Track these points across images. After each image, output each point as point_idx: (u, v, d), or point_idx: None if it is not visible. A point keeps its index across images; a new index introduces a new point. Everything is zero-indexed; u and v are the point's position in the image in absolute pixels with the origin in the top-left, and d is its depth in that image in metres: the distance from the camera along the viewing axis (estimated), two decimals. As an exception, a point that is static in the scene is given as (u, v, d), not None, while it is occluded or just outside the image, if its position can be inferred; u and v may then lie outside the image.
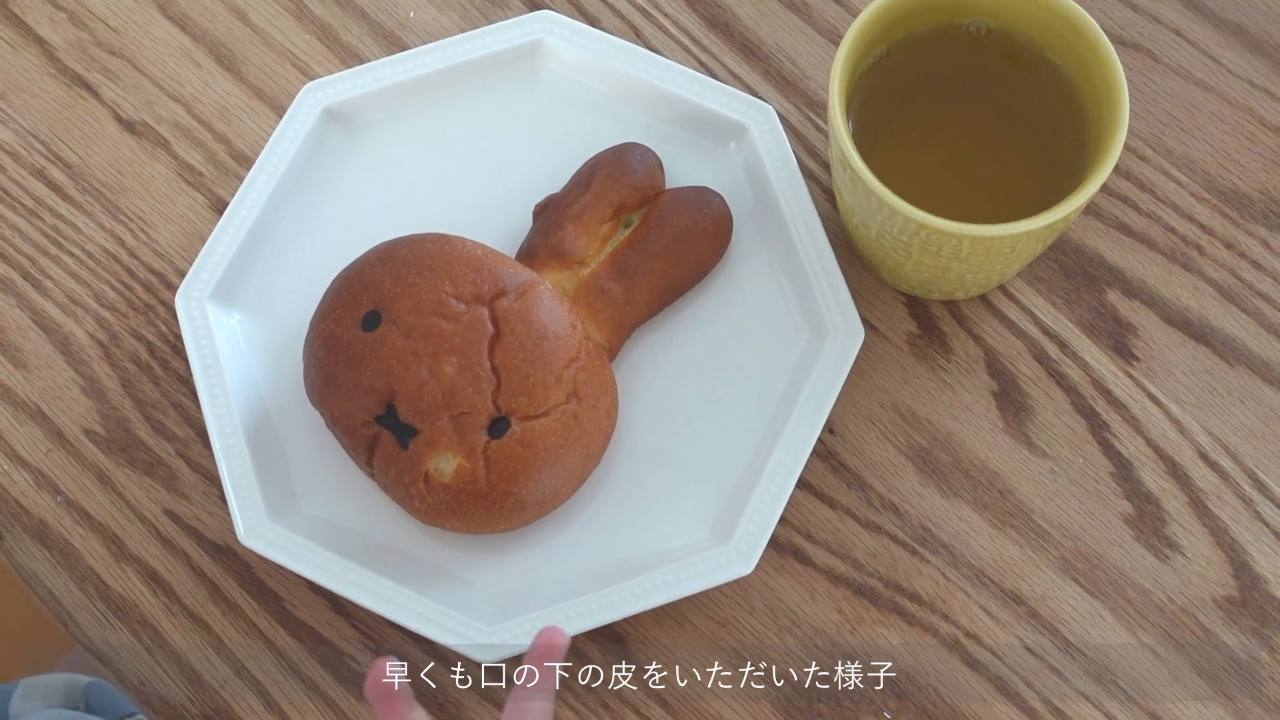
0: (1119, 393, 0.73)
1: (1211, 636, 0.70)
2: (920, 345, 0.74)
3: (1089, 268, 0.75)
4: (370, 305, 0.69)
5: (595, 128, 0.76)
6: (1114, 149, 0.64)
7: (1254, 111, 0.77)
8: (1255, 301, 0.74)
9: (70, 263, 0.77)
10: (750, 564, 0.68)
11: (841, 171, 0.67)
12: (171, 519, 0.73)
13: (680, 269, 0.72)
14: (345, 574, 0.69)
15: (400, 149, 0.77)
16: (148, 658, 0.72)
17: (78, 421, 0.75)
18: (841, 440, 0.73)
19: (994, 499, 0.72)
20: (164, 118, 0.79)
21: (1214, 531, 0.71)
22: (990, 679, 0.69)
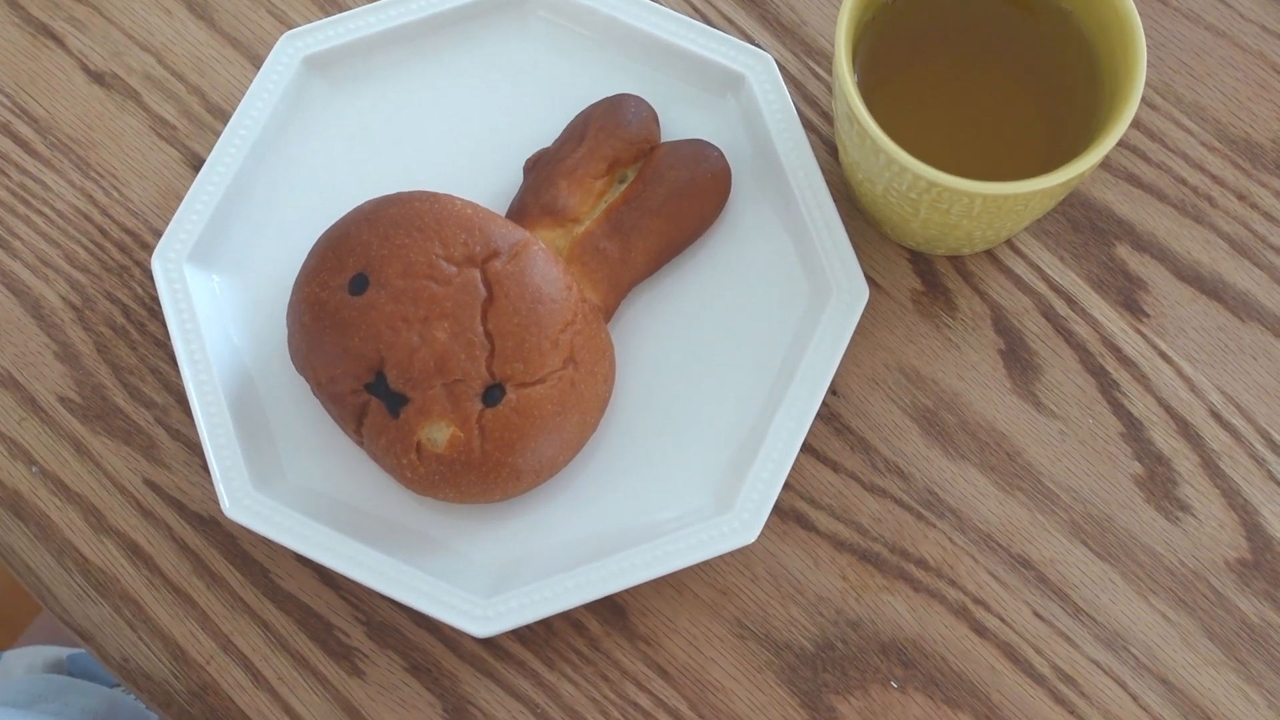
0: (1129, 350, 0.71)
1: (1224, 600, 0.68)
2: (925, 303, 0.72)
3: (1098, 221, 0.72)
4: (357, 268, 0.66)
5: (588, 79, 0.73)
6: (1131, 102, 0.62)
7: (1266, 58, 0.74)
8: (1268, 255, 0.72)
9: (40, 222, 0.74)
10: (753, 533, 0.66)
11: (847, 126, 0.64)
12: (152, 489, 0.71)
13: (678, 226, 0.70)
14: (334, 546, 0.67)
15: (385, 102, 0.74)
16: (130, 633, 0.69)
17: (51, 388, 0.72)
18: (844, 401, 0.71)
19: (1001, 461, 0.70)
20: (134, 69, 0.76)
21: (1226, 493, 0.69)
22: (999, 646, 0.68)
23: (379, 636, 0.69)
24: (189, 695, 0.69)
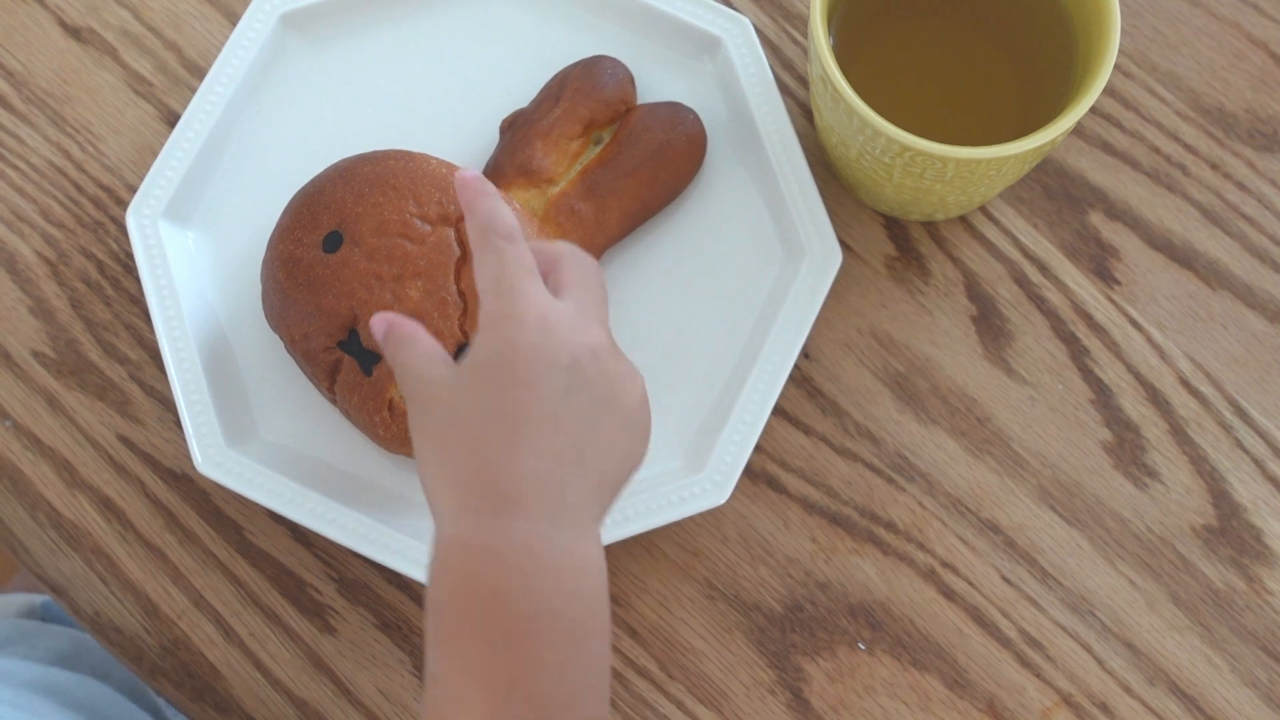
0: (1100, 317, 0.71)
1: (1189, 566, 0.69)
2: (898, 268, 0.72)
3: (1071, 188, 0.73)
4: (331, 225, 0.66)
5: (564, 40, 0.73)
6: (1104, 69, 0.62)
7: (1241, 27, 0.75)
8: (1239, 224, 0.72)
9: (14, 176, 0.74)
10: (724, 494, 0.66)
11: (822, 89, 0.65)
12: (125, 445, 0.71)
13: (653, 188, 0.70)
14: (306, 503, 0.67)
15: (362, 60, 0.74)
16: (102, 587, 0.70)
17: (25, 343, 0.72)
18: (817, 365, 0.71)
19: (972, 426, 0.70)
20: (110, 24, 0.76)
21: (1194, 459, 0.70)
22: (966, 609, 0.68)
23: (350, 593, 0.69)
24: (160, 650, 0.69)
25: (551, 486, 0.51)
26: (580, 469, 0.52)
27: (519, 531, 0.50)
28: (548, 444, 0.51)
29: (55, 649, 0.79)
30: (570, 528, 0.51)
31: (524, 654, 0.49)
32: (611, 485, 0.54)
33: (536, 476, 0.51)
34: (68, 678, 0.76)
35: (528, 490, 0.51)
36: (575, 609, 0.51)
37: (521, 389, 0.52)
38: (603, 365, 0.54)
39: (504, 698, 0.49)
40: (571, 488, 0.51)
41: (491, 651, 0.49)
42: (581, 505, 0.52)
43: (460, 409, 0.52)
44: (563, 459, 0.51)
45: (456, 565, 0.51)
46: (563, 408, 0.52)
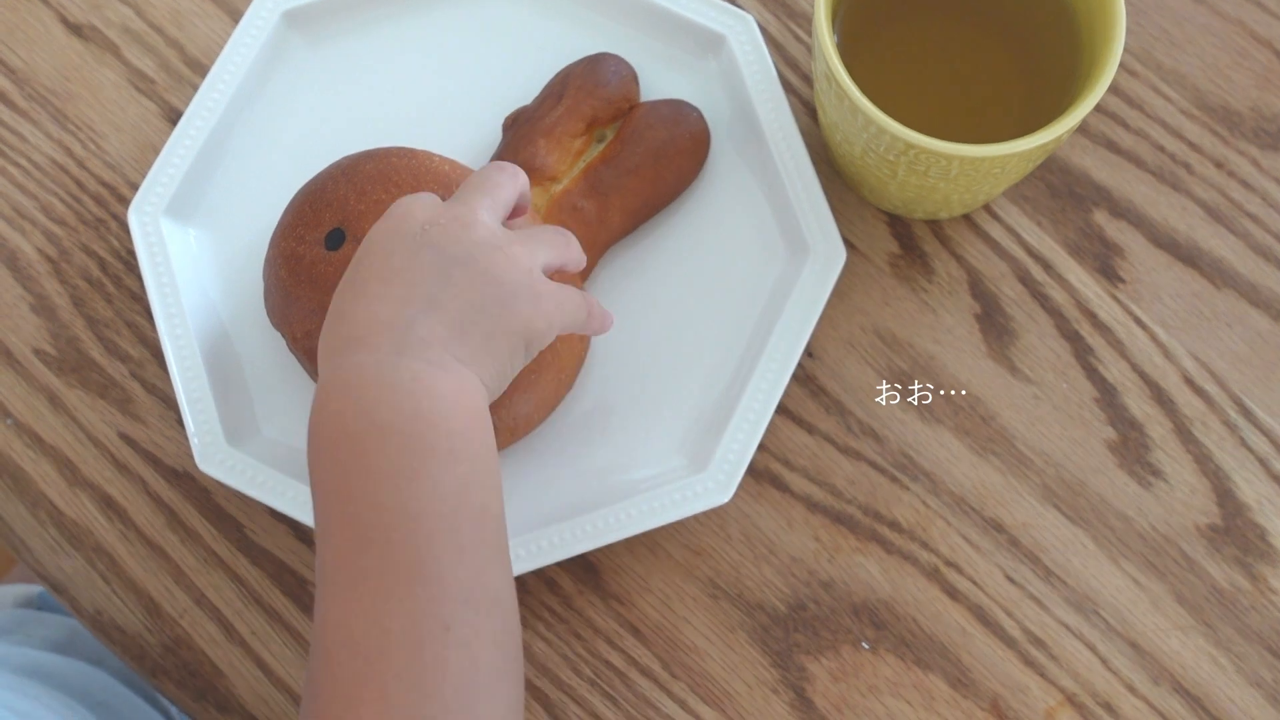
0: (1104, 316, 0.71)
1: (1194, 565, 0.68)
2: (902, 266, 0.72)
3: (1075, 186, 0.73)
4: (334, 222, 0.66)
5: (567, 37, 0.73)
6: (1109, 67, 0.62)
7: (1245, 25, 0.75)
8: (1244, 222, 0.72)
9: (16, 174, 0.74)
10: (727, 493, 0.66)
11: (826, 86, 0.64)
12: (126, 443, 0.71)
13: (656, 186, 0.70)
14: (308, 501, 0.67)
15: (364, 58, 0.74)
16: (104, 585, 0.69)
17: (27, 341, 0.72)
18: (820, 364, 0.71)
19: (975, 425, 0.70)
20: (113, 21, 0.76)
21: (1198, 458, 0.70)
22: (970, 608, 0.68)
23: (352, 592, 0.69)
24: (162, 649, 0.69)
25: (397, 324, 0.56)
26: (430, 310, 0.56)
27: (363, 362, 0.55)
28: (391, 292, 0.56)
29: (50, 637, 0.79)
30: (418, 359, 0.55)
31: (363, 465, 0.53)
32: (480, 331, 0.57)
33: (379, 317, 0.56)
34: (62, 663, 0.76)
35: (372, 329, 0.56)
36: (416, 426, 0.54)
37: (370, 257, 0.58)
38: (465, 234, 0.58)
39: (353, 509, 0.53)
40: (420, 325, 0.56)
41: (334, 467, 0.54)
42: (435, 341, 0.56)
43: (336, 290, 0.59)
44: (409, 303, 0.56)
45: (315, 405, 0.55)
46: (410, 264, 0.57)
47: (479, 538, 0.54)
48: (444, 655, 0.51)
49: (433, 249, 0.57)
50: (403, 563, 0.52)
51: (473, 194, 0.60)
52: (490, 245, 0.58)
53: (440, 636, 0.51)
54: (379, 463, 0.53)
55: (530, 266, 0.59)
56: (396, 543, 0.52)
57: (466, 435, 0.55)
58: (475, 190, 0.61)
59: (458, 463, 0.54)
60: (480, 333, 0.57)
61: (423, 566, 0.52)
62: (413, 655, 0.51)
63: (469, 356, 0.56)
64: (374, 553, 0.52)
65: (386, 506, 0.52)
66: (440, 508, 0.53)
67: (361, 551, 0.52)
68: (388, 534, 0.52)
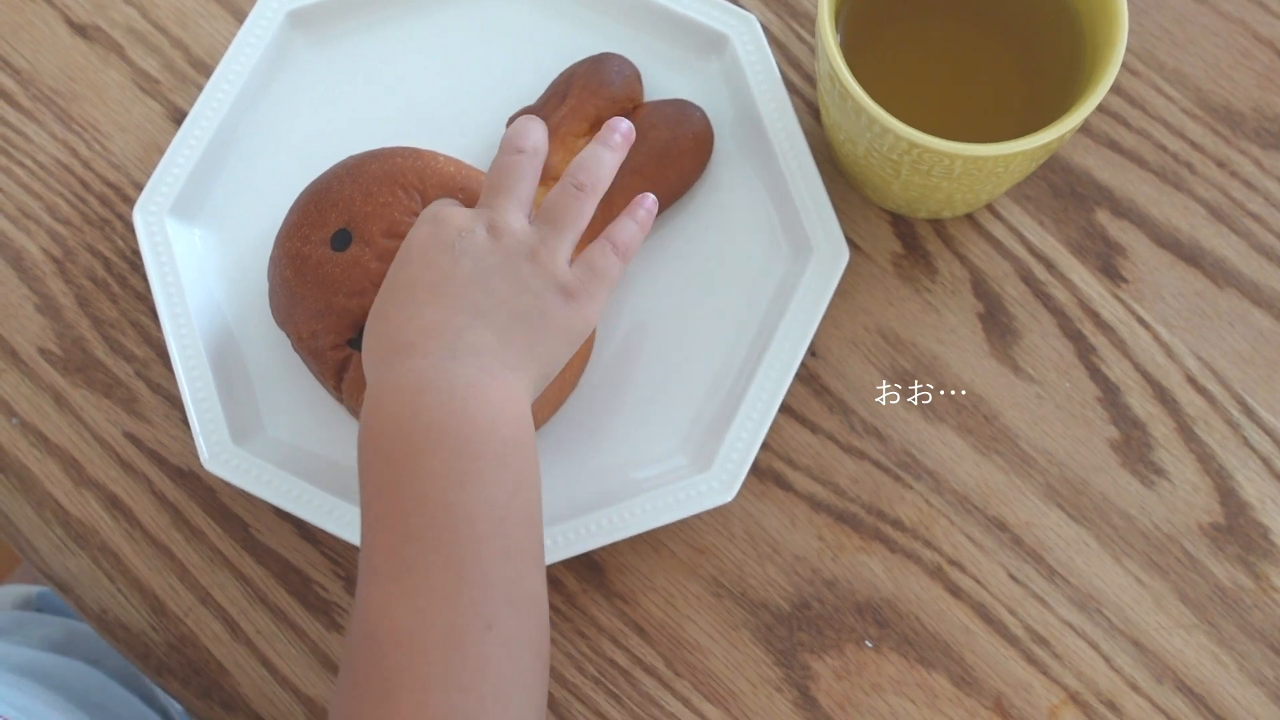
0: (1107, 315, 0.71)
1: (1197, 564, 0.69)
2: (905, 266, 0.72)
3: (1078, 186, 0.73)
4: (340, 223, 0.66)
5: (571, 37, 0.73)
6: (1111, 66, 0.62)
7: (1247, 25, 0.75)
8: (1246, 222, 0.72)
9: (21, 174, 0.74)
10: (731, 492, 0.66)
11: (829, 86, 0.65)
12: (132, 442, 0.71)
13: (659, 186, 0.70)
14: (313, 500, 0.67)
15: (369, 57, 0.74)
16: (109, 584, 0.70)
17: (32, 340, 0.72)
18: (823, 363, 0.71)
19: (979, 424, 0.70)
20: (118, 22, 0.76)
21: (1201, 457, 0.70)
22: (973, 607, 0.68)
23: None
24: (167, 647, 0.69)
25: (447, 331, 0.58)
26: (477, 319, 0.58)
27: (415, 366, 0.57)
28: (438, 300, 0.59)
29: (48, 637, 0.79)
30: (470, 365, 0.57)
31: (416, 465, 0.55)
32: (523, 340, 0.59)
33: (430, 324, 0.58)
34: (60, 663, 0.76)
35: (424, 335, 0.58)
36: (466, 429, 0.56)
37: (410, 265, 0.60)
38: (498, 243, 0.60)
39: (404, 506, 0.54)
40: (470, 332, 0.58)
41: (387, 466, 0.55)
42: (484, 349, 0.58)
43: (378, 299, 0.61)
44: (457, 311, 0.58)
45: (368, 407, 0.57)
46: (452, 274, 0.59)
47: (524, 542, 0.55)
48: (485, 653, 0.52)
49: (470, 259, 0.59)
50: (450, 561, 0.53)
51: (498, 196, 0.62)
52: (520, 254, 0.60)
53: (482, 635, 0.53)
54: (432, 464, 0.55)
55: (556, 269, 0.61)
56: (445, 541, 0.53)
57: (516, 442, 0.57)
58: (499, 192, 0.63)
59: (507, 468, 0.56)
60: (523, 341, 0.59)
61: (469, 566, 0.53)
62: (454, 650, 0.52)
63: (515, 362, 0.58)
64: (422, 549, 0.53)
65: (438, 506, 0.54)
66: (490, 512, 0.54)
67: (410, 546, 0.54)
68: (438, 533, 0.54)
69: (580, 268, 0.62)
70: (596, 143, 0.64)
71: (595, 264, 0.62)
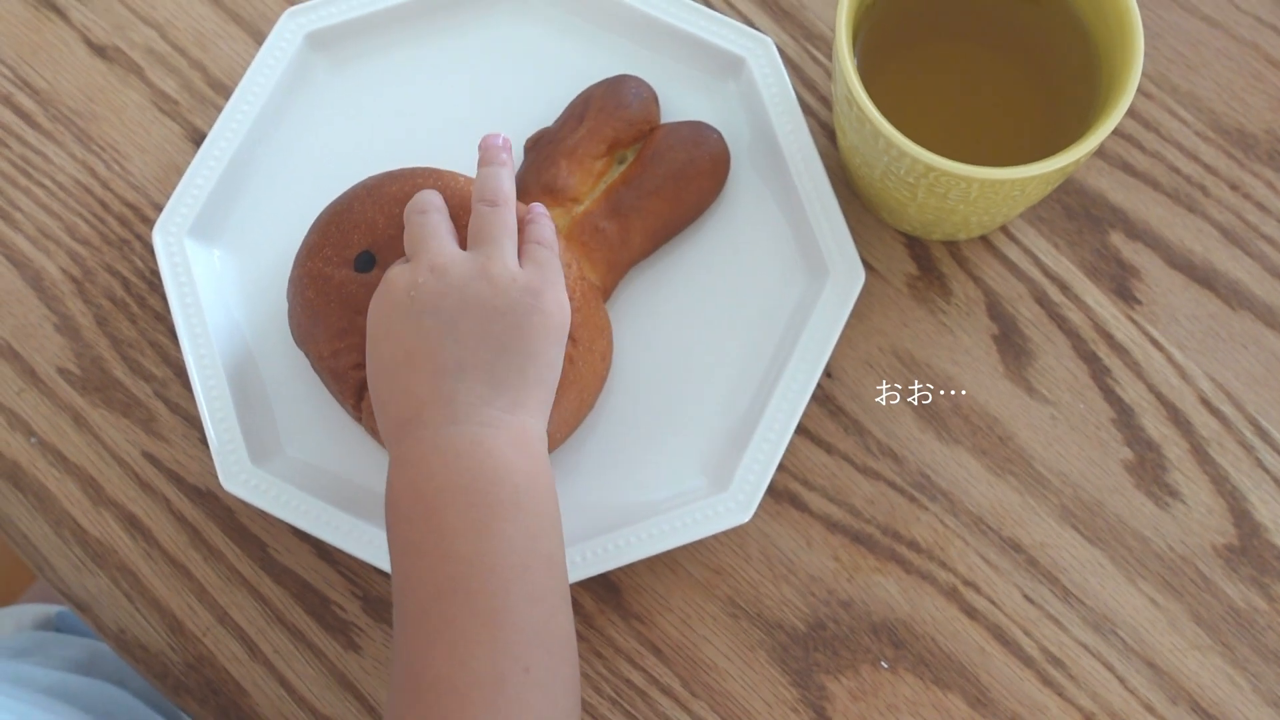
0: (1121, 337, 0.72)
1: (1211, 585, 0.69)
2: (920, 287, 0.72)
3: (1092, 208, 0.73)
4: (363, 245, 0.66)
5: (588, 59, 0.74)
6: (1127, 91, 0.62)
7: (1260, 48, 0.75)
8: (1260, 245, 0.73)
9: (41, 194, 0.74)
10: (748, 512, 0.67)
11: (846, 109, 0.65)
12: (150, 462, 0.71)
13: (676, 207, 0.70)
14: (331, 520, 0.67)
15: (387, 79, 0.74)
16: (127, 604, 0.70)
17: (51, 360, 0.72)
18: (839, 384, 0.71)
19: (993, 445, 0.70)
20: (137, 43, 0.76)
21: (1215, 479, 0.70)
22: (988, 627, 0.69)
23: (375, 611, 0.69)
24: (185, 666, 0.69)
25: (440, 398, 0.59)
26: (462, 374, 0.59)
27: (425, 438, 0.59)
28: (420, 370, 0.60)
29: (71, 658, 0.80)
30: (471, 423, 0.59)
31: (435, 523, 0.57)
32: (512, 369, 0.60)
33: (421, 398, 0.59)
34: (85, 683, 0.76)
35: (419, 409, 0.59)
36: (479, 483, 0.57)
37: (381, 343, 0.61)
38: (444, 281, 0.61)
39: (431, 563, 0.56)
40: (461, 392, 0.59)
41: (409, 527, 0.58)
42: (478, 402, 0.59)
43: (369, 385, 0.62)
44: (441, 375, 0.59)
45: (390, 479, 0.59)
46: (419, 337, 0.60)
47: (549, 584, 0.57)
48: (525, 696, 0.54)
49: (430, 313, 0.60)
50: (482, 610, 0.55)
51: (422, 241, 0.63)
52: (471, 278, 0.61)
53: (521, 678, 0.54)
54: (451, 520, 0.57)
55: (511, 272, 0.61)
56: (475, 591, 0.55)
57: (529, 488, 0.58)
58: (420, 238, 0.63)
59: (523, 514, 0.57)
60: (513, 371, 0.60)
61: (500, 614, 0.55)
62: (496, 693, 0.54)
63: (513, 402, 0.60)
64: (455, 601, 0.55)
65: (463, 559, 0.56)
66: (513, 559, 0.56)
67: (443, 600, 0.55)
68: (466, 584, 0.55)
69: (530, 265, 0.62)
70: (483, 164, 0.65)
71: (539, 259, 0.63)
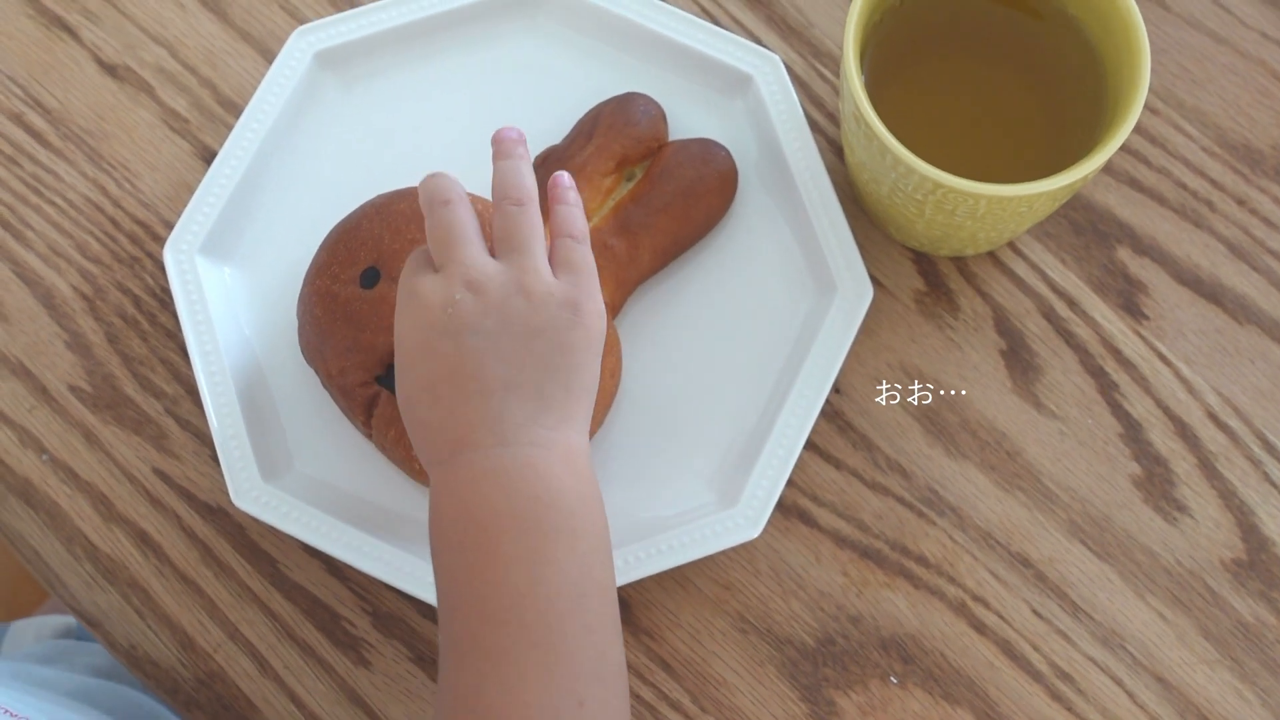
0: (1128, 352, 0.72)
1: (1219, 600, 0.69)
2: (928, 303, 0.73)
3: (1099, 224, 0.73)
4: (369, 261, 0.67)
5: (597, 77, 0.74)
6: (1134, 107, 0.63)
7: (1267, 64, 0.75)
8: (1266, 259, 0.73)
9: (52, 212, 0.75)
10: (757, 528, 0.67)
11: (854, 127, 0.65)
12: (161, 479, 0.71)
13: (684, 224, 0.71)
14: (341, 536, 0.67)
15: (396, 97, 0.74)
16: (138, 620, 0.70)
17: (62, 377, 0.73)
18: (847, 400, 0.72)
19: (1002, 460, 0.71)
20: (147, 62, 0.77)
21: (1222, 493, 0.70)
22: (997, 642, 0.69)
23: (385, 627, 0.70)
24: (196, 683, 0.69)
25: (487, 419, 0.57)
26: (510, 393, 0.58)
27: (468, 461, 0.57)
28: (465, 390, 0.58)
29: (93, 664, 0.80)
30: (522, 444, 0.57)
31: (488, 550, 0.56)
32: (559, 388, 0.59)
33: (468, 418, 0.58)
34: (108, 688, 0.77)
35: (468, 430, 0.57)
36: (534, 508, 0.56)
37: (420, 360, 0.59)
38: (484, 301, 0.59)
39: (483, 591, 0.55)
40: (509, 411, 0.58)
41: (458, 555, 0.56)
42: (527, 422, 0.58)
43: (402, 402, 0.60)
44: (488, 394, 0.58)
45: (433, 504, 0.58)
46: (463, 356, 0.58)
47: (603, 614, 0.56)
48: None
49: (470, 331, 0.58)
50: (538, 641, 0.54)
51: (450, 246, 0.60)
52: (510, 296, 0.59)
53: (576, 712, 0.54)
54: (505, 548, 0.55)
55: (549, 288, 0.60)
56: (529, 622, 0.54)
57: (581, 510, 0.57)
58: (448, 242, 0.61)
59: (577, 540, 0.56)
60: (559, 387, 0.59)
61: (555, 644, 0.54)
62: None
63: (560, 419, 0.58)
64: (506, 631, 0.54)
65: (517, 588, 0.55)
66: (568, 589, 0.55)
67: (494, 630, 0.54)
68: (520, 614, 0.54)
69: (564, 273, 0.61)
70: (500, 158, 0.63)
71: (573, 262, 0.61)
